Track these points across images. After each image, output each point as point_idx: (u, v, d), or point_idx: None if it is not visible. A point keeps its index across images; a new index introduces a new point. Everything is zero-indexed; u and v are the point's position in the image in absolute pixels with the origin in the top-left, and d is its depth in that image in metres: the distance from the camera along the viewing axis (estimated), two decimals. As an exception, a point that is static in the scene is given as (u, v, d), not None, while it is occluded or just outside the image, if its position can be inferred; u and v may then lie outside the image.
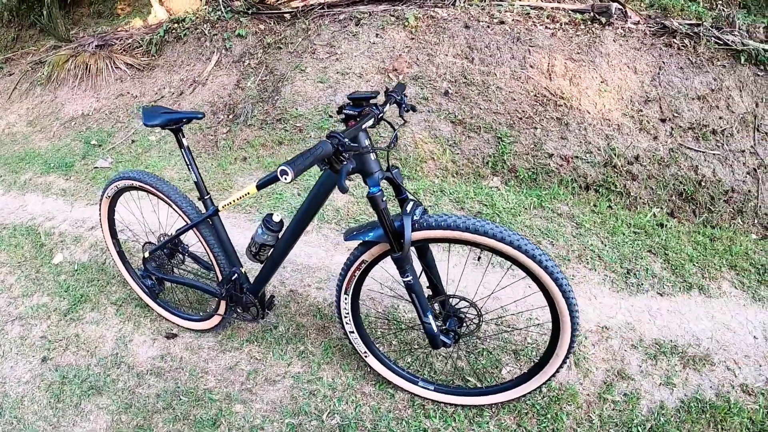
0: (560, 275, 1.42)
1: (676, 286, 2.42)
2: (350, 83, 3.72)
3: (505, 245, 1.39)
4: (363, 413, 1.93)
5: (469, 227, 1.41)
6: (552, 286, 1.42)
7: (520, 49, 3.38)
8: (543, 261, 1.40)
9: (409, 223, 1.43)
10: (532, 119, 3.19)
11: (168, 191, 1.99)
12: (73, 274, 2.97)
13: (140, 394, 2.15)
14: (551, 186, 3.05)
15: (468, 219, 1.43)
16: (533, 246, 1.41)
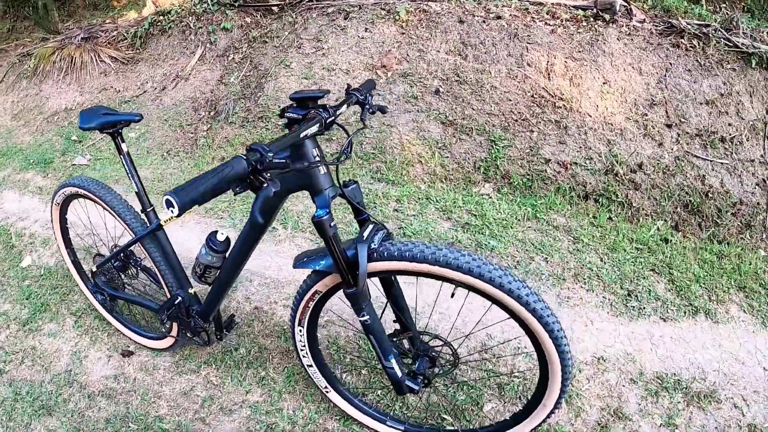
0: (551, 319, 1.20)
1: (680, 310, 2.19)
2: (336, 80, 3.51)
3: (483, 282, 1.16)
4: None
5: (439, 260, 1.18)
6: (541, 332, 1.20)
7: (518, 47, 3.14)
8: (530, 302, 1.17)
9: (364, 253, 1.21)
10: (528, 121, 2.95)
11: (112, 201, 1.82)
12: (38, 279, 2.82)
13: (89, 418, 1.99)
14: (547, 194, 2.82)
15: (438, 249, 1.20)
16: (518, 283, 1.18)
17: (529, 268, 2.38)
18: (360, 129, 1.40)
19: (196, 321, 1.81)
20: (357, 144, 3.23)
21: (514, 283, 1.17)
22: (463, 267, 1.16)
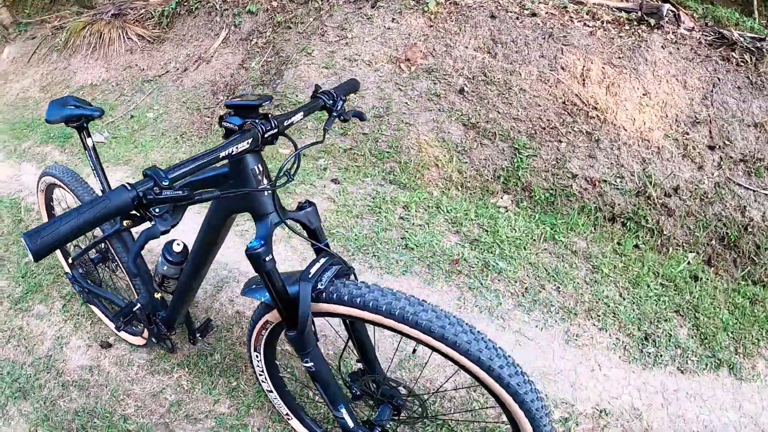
0: (529, 397, 1.00)
1: (702, 362, 1.93)
2: (357, 71, 3.33)
3: (446, 346, 0.98)
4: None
5: (394, 312, 0.99)
6: (516, 411, 1.01)
7: (552, 47, 2.86)
8: (503, 376, 0.98)
9: (307, 293, 1.03)
10: (557, 130, 2.69)
11: (82, 195, 1.73)
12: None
13: (60, 408, 1.94)
14: (570, 213, 2.57)
15: (396, 299, 1.02)
16: (490, 351, 0.99)
17: (538, 298, 2.16)
18: (313, 144, 1.20)
19: (159, 327, 1.70)
20: (372, 141, 3.05)
21: (485, 351, 0.97)
22: (422, 325, 0.98)
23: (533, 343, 1.99)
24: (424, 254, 2.39)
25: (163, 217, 0.76)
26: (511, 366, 0.99)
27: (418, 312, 0.99)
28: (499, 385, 0.97)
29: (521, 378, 0.99)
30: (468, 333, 0.98)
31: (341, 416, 1.23)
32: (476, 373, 0.98)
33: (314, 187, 2.94)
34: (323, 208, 2.76)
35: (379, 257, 2.40)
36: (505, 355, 1.00)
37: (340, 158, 3.08)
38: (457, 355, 0.97)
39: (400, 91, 3.13)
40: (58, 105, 1.58)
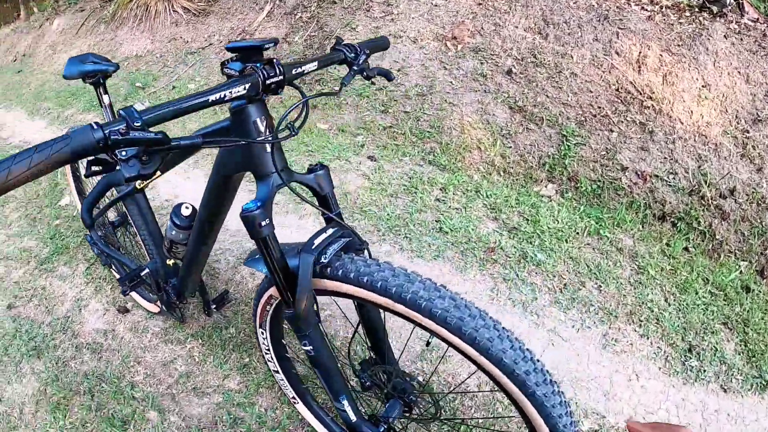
0: (556, 409, 0.84)
1: (747, 382, 1.70)
2: (402, 48, 3.19)
3: (462, 341, 0.83)
4: (279, 466, 1.51)
5: (405, 297, 0.84)
6: (539, 423, 0.85)
7: (607, 31, 2.63)
8: (527, 382, 0.82)
9: (308, 267, 0.91)
10: (608, 119, 2.47)
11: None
12: (67, 220, 2.84)
13: (71, 369, 1.92)
14: (617, 208, 2.35)
15: (409, 282, 0.87)
16: (516, 352, 0.83)
17: (577, 296, 1.97)
18: (325, 94, 1.05)
19: (168, 295, 1.63)
20: (413, 119, 2.91)
21: (510, 352, 0.82)
22: (437, 315, 0.83)
23: (568, 345, 1.81)
24: (458, 239, 2.24)
25: (129, 162, 0.65)
26: (539, 373, 0.83)
27: (434, 299, 0.83)
28: (523, 393, 0.82)
29: (550, 388, 0.83)
30: (491, 329, 0.83)
31: (342, 408, 1.11)
32: (497, 376, 0.83)
33: (349, 163, 2.83)
34: (357, 185, 2.65)
35: (411, 239, 2.27)
36: (533, 358, 0.84)
37: (380, 136, 2.96)
38: (475, 353, 0.82)
39: (445, 69, 2.97)
40: (77, 61, 1.52)
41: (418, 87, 3.01)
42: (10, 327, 2.17)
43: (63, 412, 1.76)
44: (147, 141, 0.64)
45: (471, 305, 0.85)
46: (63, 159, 0.60)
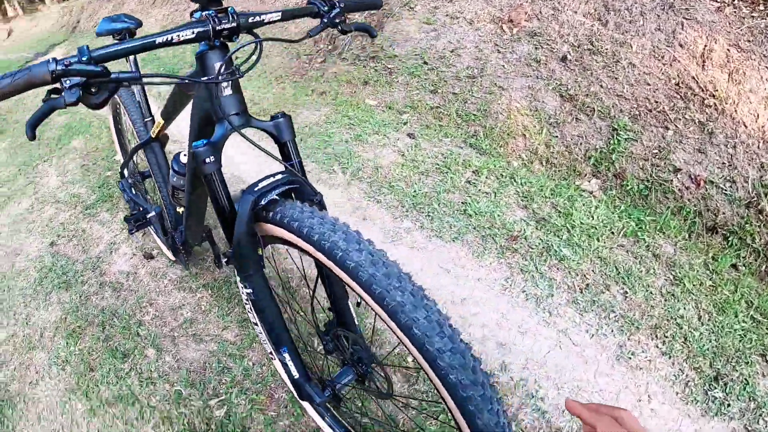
0: (462, 384, 0.70)
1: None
2: (457, 28, 3.10)
3: (371, 297, 0.75)
4: (254, 420, 1.50)
5: (322, 243, 0.79)
6: (444, 393, 0.73)
7: (671, 21, 2.38)
8: (440, 362, 0.70)
9: (246, 205, 0.90)
10: (665, 115, 2.25)
11: (130, 108, 1.79)
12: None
13: (91, 303, 2.05)
14: (663, 212, 2.14)
15: (333, 229, 0.81)
16: (432, 323, 0.72)
17: (599, 299, 1.81)
18: (283, 40, 0.97)
19: (173, 241, 1.68)
20: (461, 101, 2.82)
21: (422, 321, 0.71)
22: (349, 267, 0.76)
23: (577, 350, 1.67)
24: (481, 224, 2.14)
25: (72, 90, 0.73)
26: (458, 355, 0.71)
27: (350, 251, 0.77)
28: (434, 372, 0.71)
29: (471, 375, 0.70)
30: (405, 292, 0.73)
31: (284, 361, 1.06)
32: (408, 347, 0.74)
33: (387, 138, 2.80)
34: (390, 161, 2.61)
35: (432, 218, 2.20)
36: (452, 336, 0.72)
37: (425, 115, 2.91)
38: (385, 315, 0.74)
39: (499, 53, 2.85)
40: (109, 20, 1.61)
41: (470, 69, 2.91)
42: (48, 261, 2.34)
43: (75, 339, 1.87)
44: (88, 72, 0.72)
45: (392, 264, 0.77)
46: (22, 86, 0.71)
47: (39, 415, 1.63)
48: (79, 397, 1.65)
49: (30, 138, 0.77)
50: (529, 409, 1.50)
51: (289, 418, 1.49)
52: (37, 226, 2.66)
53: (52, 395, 1.69)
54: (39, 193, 2.99)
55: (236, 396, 1.57)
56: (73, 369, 1.75)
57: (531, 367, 1.61)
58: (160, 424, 1.52)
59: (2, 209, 2.92)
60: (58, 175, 3.18)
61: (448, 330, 0.72)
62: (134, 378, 1.68)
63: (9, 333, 1.99)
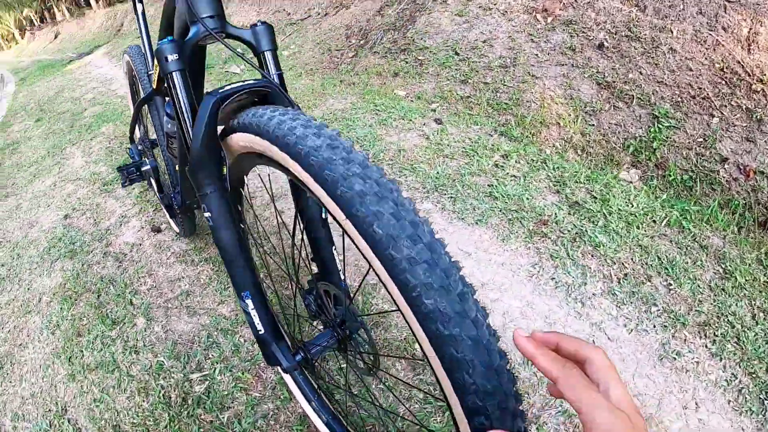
0: (442, 313, 0.50)
1: None
2: (490, 20, 3.00)
3: (315, 181, 0.58)
4: (235, 399, 1.36)
5: (274, 132, 0.64)
6: (415, 326, 0.52)
7: (713, 4, 2.19)
8: (393, 254, 0.51)
9: (206, 109, 0.76)
10: (709, 102, 2.04)
11: (135, 59, 1.76)
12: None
13: (92, 271, 1.99)
14: (709, 204, 1.92)
15: (293, 118, 0.65)
16: (382, 202, 0.53)
17: (639, 290, 1.61)
18: None
19: (168, 199, 1.59)
20: (492, 91, 2.70)
21: (387, 218, 0.52)
22: (301, 153, 0.59)
23: (613, 345, 1.46)
24: (508, 207, 1.98)
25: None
26: (436, 270, 0.50)
27: (308, 135, 0.61)
28: (397, 287, 0.51)
29: (458, 304, 0.50)
30: (366, 180, 0.55)
31: (246, 309, 0.89)
32: (371, 260, 0.54)
33: (412, 123, 2.68)
34: (414, 144, 2.48)
35: (455, 200, 2.05)
36: (432, 245, 0.52)
37: (455, 105, 2.79)
38: (341, 214, 0.56)
39: (533, 42, 2.72)
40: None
41: (502, 59, 2.79)
42: (59, 232, 2.31)
43: (69, 305, 1.80)
44: None
45: (356, 154, 0.59)
46: None
47: (22, 376, 1.55)
48: (62, 362, 1.56)
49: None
50: (554, 410, 1.30)
51: (275, 402, 1.33)
52: (56, 200, 2.66)
53: (37, 358, 1.60)
54: (63, 172, 3.01)
55: (220, 372, 1.43)
56: (62, 333, 1.67)
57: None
58: (135, 394, 1.40)
59: (27, 186, 2.95)
60: (83, 156, 3.20)
61: (427, 238, 0.53)
62: (119, 346, 1.57)
63: (10, 297, 1.94)
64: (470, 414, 0.51)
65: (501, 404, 0.50)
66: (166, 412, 1.33)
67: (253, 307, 0.89)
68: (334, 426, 1.13)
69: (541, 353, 0.44)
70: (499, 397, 0.50)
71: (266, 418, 1.29)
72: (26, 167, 3.27)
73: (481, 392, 0.49)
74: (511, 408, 0.51)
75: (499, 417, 0.50)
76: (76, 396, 1.43)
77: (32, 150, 3.59)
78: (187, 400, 1.36)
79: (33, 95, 6.02)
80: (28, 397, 1.47)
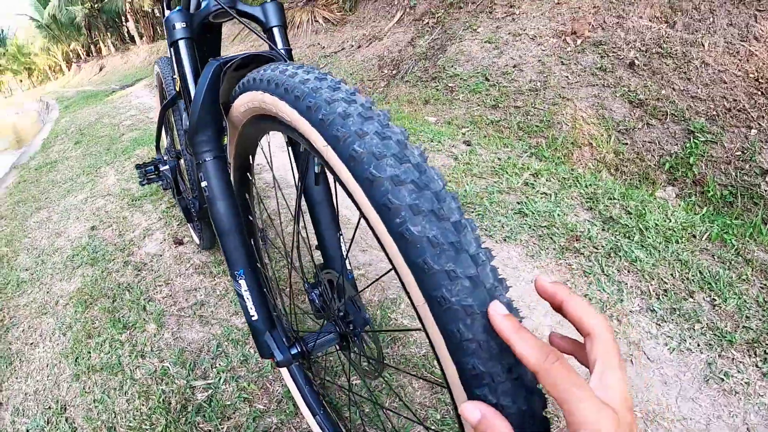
0: (450, 278, 0.39)
1: None
2: (520, 45, 3.00)
3: (318, 131, 0.49)
4: (237, 410, 1.29)
5: (275, 82, 0.56)
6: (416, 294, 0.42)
7: (743, 15, 2.13)
8: (388, 204, 0.41)
9: (210, 69, 0.73)
10: (746, 113, 1.94)
11: (163, 67, 1.80)
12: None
13: (111, 278, 2.00)
14: (751, 218, 1.78)
15: (297, 68, 0.57)
16: (385, 153, 0.43)
17: (680, 306, 1.48)
18: None
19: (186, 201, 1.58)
20: (523, 114, 2.68)
21: (389, 172, 0.42)
22: (300, 98, 0.51)
23: (653, 366, 1.33)
24: (538, 223, 1.89)
25: None
26: (426, 194, 0.42)
27: (307, 81, 0.53)
28: (391, 234, 0.42)
29: (443, 227, 0.40)
30: (373, 131, 0.45)
31: (239, 290, 0.81)
32: (374, 224, 0.44)
33: (441, 144, 2.65)
34: (442, 163, 2.45)
35: (483, 217, 1.98)
36: (421, 167, 0.44)
37: (485, 129, 2.77)
38: (342, 168, 0.46)
39: (563, 65, 2.70)
40: None
41: (532, 83, 2.77)
42: (84, 242, 2.34)
43: (84, 308, 1.79)
44: None
45: (365, 101, 0.51)
46: None
47: (28, 374, 1.52)
48: (69, 362, 1.53)
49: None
50: (561, 422, 1.18)
51: (279, 416, 1.24)
52: (85, 213, 2.71)
53: (45, 357, 1.58)
54: (95, 189, 3.09)
55: (225, 382, 1.36)
56: (73, 335, 1.65)
57: (590, 382, 1.29)
58: (135, 397, 1.35)
59: (60, 201, 3.03)
60: (116, 174, 3.30)
61: (437, 184, 0.43)
62: (127, 349, 1.53)
63: (29, 299, 1.95)
64: (470, 385, 0.39)
65: (512, 371, 0.38)
66: (163, 417, 1.26)
67: (246, 288, 0.81)
68: None
69: (521, 337, 0.35)
70: (509, 360, 0.38)
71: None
72: (61, 184, 3.38)
73: (484, 352, 0.38)
74: (528, 380, 0.39)
75: (510, 390, 0.38)
76: (78, 396, 1.38)
77: (69, 169, 3.73)
78: (187, 407, 1.30)
79: (75, 120, 6.35)
80: (30, 394, 1.43)
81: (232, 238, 0.81)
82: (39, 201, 3.12)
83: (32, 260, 2.28)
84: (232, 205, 0.81)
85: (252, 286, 0.82)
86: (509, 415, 0.38)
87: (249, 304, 0.82)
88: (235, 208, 0.82)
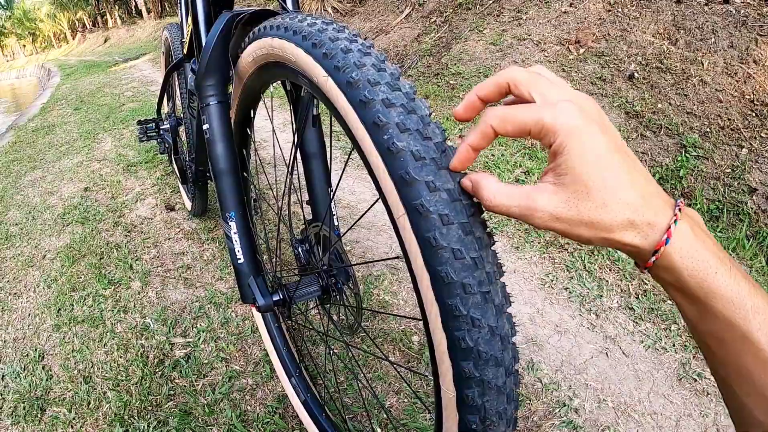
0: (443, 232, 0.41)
1: None
2: (523, 50, 3.03)
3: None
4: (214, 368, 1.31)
5: (289, 28, 0.57)
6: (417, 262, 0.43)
7: (744, 37, 2.17)
8: (381, 135, 0.43)
9: (223, 20, 0.76)
10: (738, 133, 1.99)
11: (172, 32, 1.81)
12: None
13: (100, 237, 2.01)
14: (736, 234, 1.83)
15: (307, 17, 0.58)
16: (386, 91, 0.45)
17: (658, 307, 1.51)
18: None
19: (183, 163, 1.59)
20: None
21: (393, 116, 0.43)
22: (306, 36, 0.53)
23: (628, 362, 1.36)
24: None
25: None
26: (414, 117, 0.43)
27: (314, 24, 0.55)
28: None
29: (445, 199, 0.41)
30: (370, 68, 0.47)
31: (229, 231, 0.83)
32: (374, 166, 0.45)
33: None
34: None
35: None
36: (410, 95, 0.46)
37: None
38: (350, 114, 0.47)
39: (564, 72, 2.73)
40: None
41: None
42: (76, 202, 2.35)
43: (70, 262, 1.80)
44: None
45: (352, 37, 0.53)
46: None
47: (9, 322, 1.53)
48: (51, 312, 1.54)
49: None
50: (558, 420, 1.20)
51: (255, 377, 1.26)
52: (80, 175, 2.72)
53: (28, 307, 1.59)
54: (91, 153, 3.09)
55: (204, 341, 1.38)
56: (57, 287, 1.66)
57: (566, 371, 1.32)
58: (114, 349, 1.36)
59: (56, 162, 3.03)
60: (113, 141, 3.30)
61: (434, 134, 0.44)
62: (109, 304, 1.55)
63: (16, 252, 1.96)
64: (441, 293, 0.41)
65: (482, 284, 0.42)
66: (140, 369, 1.28)
67: (235, 231, 0.84)
68: (312, 406, 1.06)
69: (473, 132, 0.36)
70: (481, 272, 0.42)
71: (242, 392, 1.22)
72: (58, 146, 3.37)
73: (458, 262, 0.41)
74: (498, 300, 0.44)
75: (480, 303, 0.41)
76: (57, 345, 1.40)
77: (66, 133, 3.72)
78: (165, 361, 1.31)
79: (75, 88, 6.31)
80: (9, 342, 1.44)
81: (226, 180, 0.84)
82: (34, 161, 3.12)
83: (23, 215, 2.28)
84: (229, 147, 0.84)
85: (241, 228, 0.85)
86: (480, 328, 0.41)
87: (236, 246, 0.84)
88: (232, 150, 0.84)
